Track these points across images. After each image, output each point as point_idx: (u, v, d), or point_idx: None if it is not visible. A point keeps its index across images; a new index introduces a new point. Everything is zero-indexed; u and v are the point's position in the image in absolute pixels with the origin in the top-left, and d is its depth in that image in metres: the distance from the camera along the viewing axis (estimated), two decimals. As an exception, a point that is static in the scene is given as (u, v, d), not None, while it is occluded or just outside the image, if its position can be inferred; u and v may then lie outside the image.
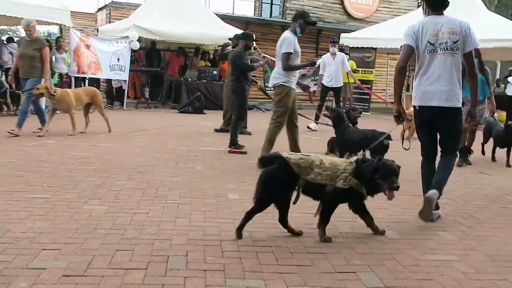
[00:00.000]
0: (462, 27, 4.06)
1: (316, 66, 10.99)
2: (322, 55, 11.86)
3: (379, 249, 3.45)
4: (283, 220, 3.60)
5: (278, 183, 3.47)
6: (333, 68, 10.85)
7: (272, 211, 4.19)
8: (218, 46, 16.41)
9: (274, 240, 3.51)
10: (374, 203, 4.63)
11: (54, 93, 8.01)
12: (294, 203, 3.53)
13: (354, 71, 14.95)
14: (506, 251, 3.53)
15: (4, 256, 2.98)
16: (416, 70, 4.26)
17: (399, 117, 4.23)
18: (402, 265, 3.16)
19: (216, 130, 9.64)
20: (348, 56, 15.10)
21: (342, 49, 15.13)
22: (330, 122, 6.65)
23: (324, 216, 3.61)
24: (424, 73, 4.17)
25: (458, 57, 4.09)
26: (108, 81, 15.02)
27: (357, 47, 16.17)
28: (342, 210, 4.32)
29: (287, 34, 6.21)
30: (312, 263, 3.13)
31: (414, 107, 4.29)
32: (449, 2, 4.17)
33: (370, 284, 2.85)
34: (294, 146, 6.51)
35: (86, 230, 3.54)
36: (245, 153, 7.17)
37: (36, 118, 8.44)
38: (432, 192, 3.98)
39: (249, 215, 3.54)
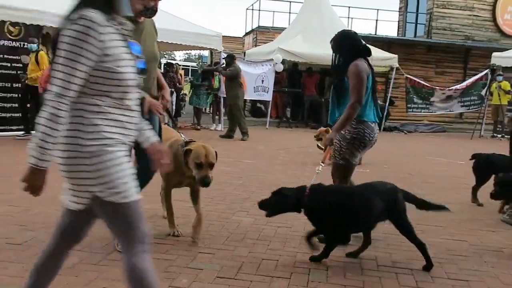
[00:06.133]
0: None
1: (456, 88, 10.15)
2: (470, 76, 11.30)
3: (529, 282, 3.28)
4: None
5: None
6: None
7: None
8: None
9: (414, 263, 3.52)
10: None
11: None
12: None
13: (507, 92, 13.96)
14: None
15: (168, 256, 3.44)
16: None
17: None
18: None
19: None
20: (502, 76, 14.12)
21: (493, 69, 14.23)
22: None
23: None
24: None
25: None
26: (253, 101, 15.91)
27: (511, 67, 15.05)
28: (490, 240, 4.16)
29: None
30: (453, 290, 3.09)
31: None
32: None
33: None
34: None
35: (236, 238, 3.90)
36: None
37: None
38: None
39: None
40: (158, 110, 3.40)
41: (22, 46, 9.59)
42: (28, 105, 9.40)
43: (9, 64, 9.42)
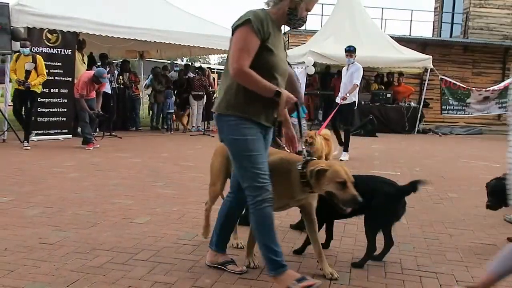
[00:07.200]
0: None
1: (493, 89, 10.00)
2: (508, 77, 11.02)
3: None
4: None
5: None
6: (343, 81, 9.27)
7: (438, 238, 4.14)
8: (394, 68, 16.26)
9: (439, 266, 3.48)
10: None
11: None
12: None
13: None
14: None
15: (193, 256, 3.51)
16: None
17: None
18: None
19: None
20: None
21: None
22: None
23: None
24: None
25: None
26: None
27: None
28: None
29: None
30: (479, 294, 3.04)
31: None
32: None
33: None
34: None
35: (260, 240, 3.93)
36: None
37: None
38: None
39: None
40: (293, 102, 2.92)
41: (59, 52, 9.93)
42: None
43: (47, 70, 9.70)
